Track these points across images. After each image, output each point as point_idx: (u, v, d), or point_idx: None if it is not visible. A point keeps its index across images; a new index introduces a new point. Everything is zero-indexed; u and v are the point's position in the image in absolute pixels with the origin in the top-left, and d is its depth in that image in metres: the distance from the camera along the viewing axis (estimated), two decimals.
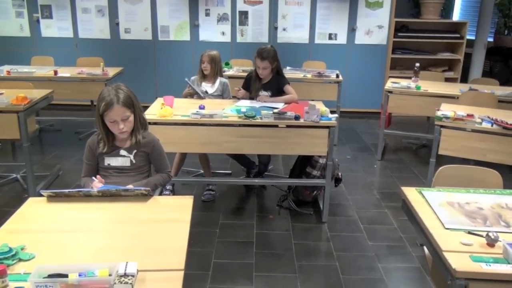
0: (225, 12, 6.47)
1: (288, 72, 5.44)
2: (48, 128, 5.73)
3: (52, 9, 6.50)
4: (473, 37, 6.66)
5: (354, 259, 3.01)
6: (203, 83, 4.05)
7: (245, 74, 5.25)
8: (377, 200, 3.88)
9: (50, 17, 6.53)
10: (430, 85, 4.70)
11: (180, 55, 6.63)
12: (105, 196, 2.04)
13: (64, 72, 4.98)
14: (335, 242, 3.20)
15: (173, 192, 3.80)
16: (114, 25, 6.53)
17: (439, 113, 3.34)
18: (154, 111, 3.35)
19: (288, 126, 3.26)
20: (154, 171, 2.42)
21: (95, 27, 6.55)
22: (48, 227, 1.83)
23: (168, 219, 1.91)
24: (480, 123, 3.24)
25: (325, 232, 3.34)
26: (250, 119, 3.22)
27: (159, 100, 3.63)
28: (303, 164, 3.64)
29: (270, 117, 3.24)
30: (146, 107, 3.62)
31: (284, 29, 6.52)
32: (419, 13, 6.69)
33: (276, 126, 3.26)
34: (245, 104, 3.64)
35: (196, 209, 3.63)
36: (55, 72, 4.88)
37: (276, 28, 6.50)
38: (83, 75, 4.90)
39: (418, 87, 4.53)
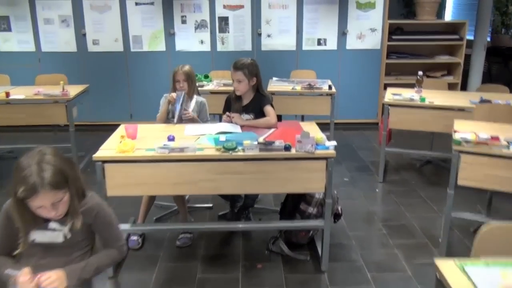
0: (203, 19, 5.88)
1: (275, 84, 4.89)
2: (7, 155, 5.08)
3: (10, 20, 5.85)
4: (470, 37, 6.16)
5: None
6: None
7: (226, 89, 4.69)
8: (383, 236, 3.31)
9: (9, 29, 5.87)
10: (435, 96, 4.15)
11: (155, 67, 6.02)
12: None
13: (19, 93, 4.34)
14: None
15: (143, 240, 3.19)
16: (80, 37, 5.90)
17: (457, 136, 2.78)
18: (112, 145, 2.74)
19: (276, 159, 2.68)
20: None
21: (59, 39, 5.91)
22: None
23: None
24: (508, 147, 2.70)
25: (325, 285, 2.76)
26: (230, 152, 2.63)
27: (120, 130, 3.02)
28: (296, 199, 3.06)
29: (254, 148, 2.65)
30: (116, 126, 3.06)
31: (268, 36, 5.95)
32: (414, 14, 6.17)
33: (263, 159, 2.67)
34: (224, 129, 3.05)
35: (168, 259, 3.05)
36: (7, 94, 4.24)
37: (259, 35, 5.93)
38: (40, 96, 4.26)
39: (422, 99, 3.98)
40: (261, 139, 2.73)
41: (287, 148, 2.66)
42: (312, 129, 3.11)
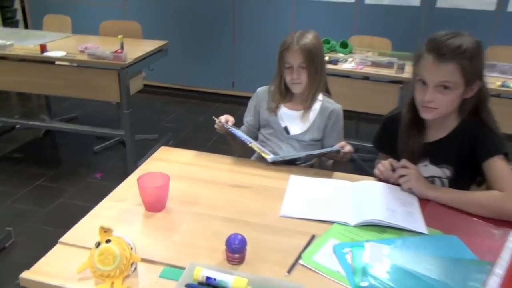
0: None
1: None
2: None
3: None
4: None
5: None
6: (283, 108, 1.72)
7: (375, 72, 2.75)
8: None
9: None
10: None
11: (272, 19, 4.22)
12: None
13: (62, 48, 2.90)
14: None
15: None
16: None
17: None
18: (90, 240, 1.07)
19: None
20: None
21: None
22: None
23: None
24: None
25: None
26: None
27: (113, 198, 1.33)
28: None
29: None
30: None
31: None
32: None
33: None
34: (381, 216, 1.21)
35: None
36: (42, 48, 2.82)
37: None
38: (83, 56, 2.77)
39: None
40: None
41: None
42: None
